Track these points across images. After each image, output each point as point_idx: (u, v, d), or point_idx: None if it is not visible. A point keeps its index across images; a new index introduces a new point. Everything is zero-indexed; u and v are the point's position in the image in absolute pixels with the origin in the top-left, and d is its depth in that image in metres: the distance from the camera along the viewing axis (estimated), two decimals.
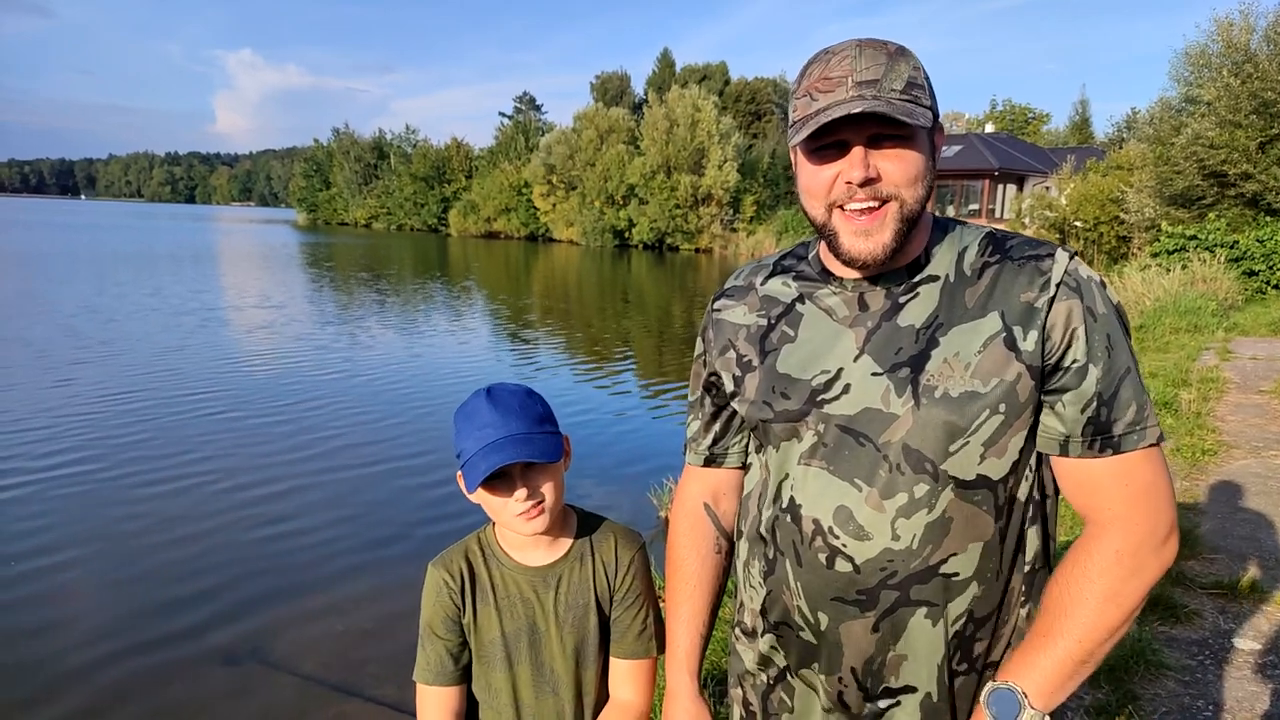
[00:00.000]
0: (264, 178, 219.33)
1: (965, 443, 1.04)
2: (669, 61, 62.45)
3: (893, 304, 1.10)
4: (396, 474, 6.59)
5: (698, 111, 45.40)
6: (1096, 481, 1.05)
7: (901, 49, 1.05)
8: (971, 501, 1.06)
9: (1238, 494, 4.48)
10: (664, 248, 46.99)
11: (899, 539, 1.06)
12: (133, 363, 10.39)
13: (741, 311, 1.25)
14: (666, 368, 12.04)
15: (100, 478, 6.22)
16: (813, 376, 1.13)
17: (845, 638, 1.12)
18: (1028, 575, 1.12)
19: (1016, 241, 1.10)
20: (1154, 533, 1.03)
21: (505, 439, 1.26)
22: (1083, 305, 1.03)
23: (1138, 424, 1.03)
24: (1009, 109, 57.83)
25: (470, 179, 63.85)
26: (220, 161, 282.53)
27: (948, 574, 1.07)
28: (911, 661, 1.11)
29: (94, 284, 19.42)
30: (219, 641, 4.10)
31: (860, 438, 1.08)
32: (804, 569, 1.13)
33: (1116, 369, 1.03)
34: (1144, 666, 2.77)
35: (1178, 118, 17.17)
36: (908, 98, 1.01)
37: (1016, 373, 1.03)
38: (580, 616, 1.38)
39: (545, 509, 1.31)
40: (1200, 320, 10.49)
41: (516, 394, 1.33)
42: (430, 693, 1.37)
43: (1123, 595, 1.01)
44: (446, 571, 1.37)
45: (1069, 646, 1.02)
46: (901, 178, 1.03)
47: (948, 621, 1.09)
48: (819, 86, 1.03)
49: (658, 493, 5.74)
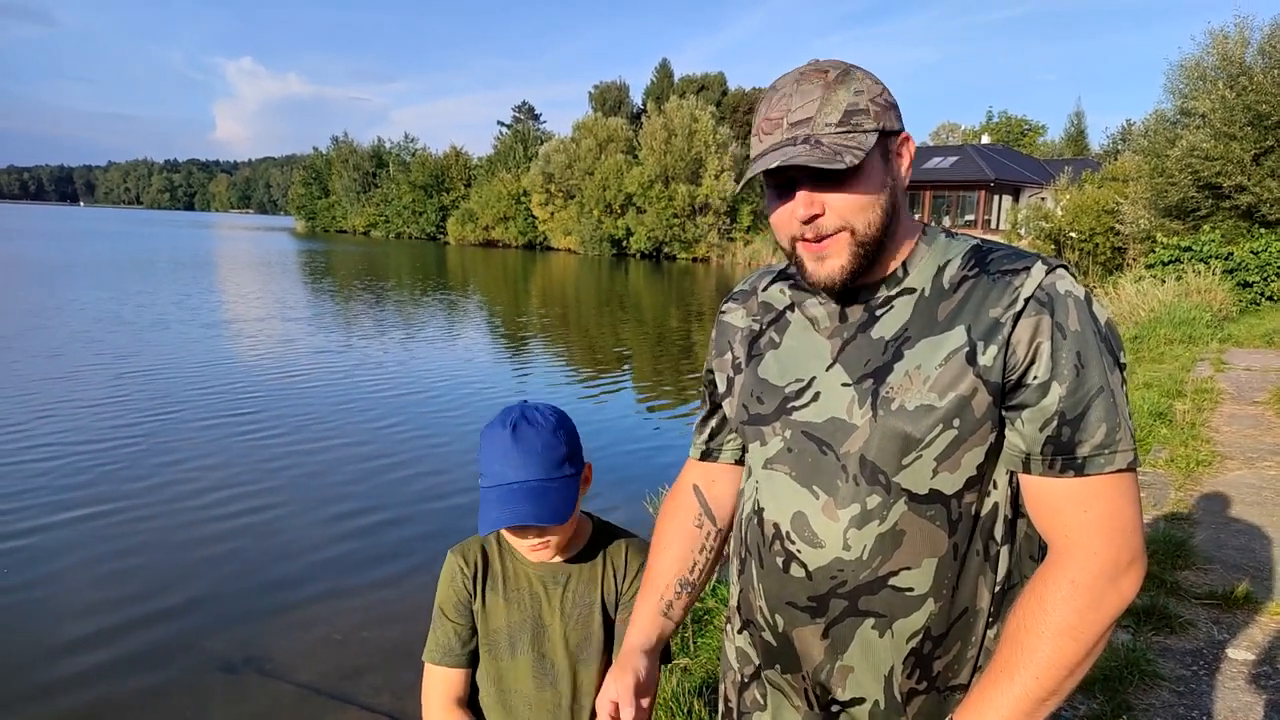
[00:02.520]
0: (263, 185, 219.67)
1: (918, 456, 1.04)
2: (667, 72, 62.71)
3: (869, 316, 1.11)
4: (396, 484, 6.59)
5: (695, 121, 45.62)
6: (1057, 503, 1.02)
7: (843, 73, 1.05)
8: (924, 516, 1.05)
9: (1232, 505, 4.50)
10: (661, 257, 47.09)
11: (849, 549, 1.07)
12: (127, 370, 10.38)
13: (741, 315, 1.28)
14: (663, 376, 12.06)
15: (95, 485, 6.20)
16: (787, 384, 1.15)
17: (799, 642, 1.13)
18: (998, 595, 1.09)
19: (999, 255, 1.08)
20: (1114, 563, 0.98)
21: (521, 488, 1.30)
22: (1051, 321, 1.00)
23: (1105, 447, 0.98)
24: (1005, 120, 58.15)
25: (469, 188, 64.02)
26: (219, 169, 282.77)
27: (899, 587, 1.06)
28: (859, 673, 1.10)
29: (96, 289, 19.41)
30: (215, 649, 4.09)
31: (823, 446, 1.10)
32: (765, 571, 1.15)
33: (1086, 388, 0.99)
34: (1138, 676, 2.78)
35: (1173, 130, 17.28)
36: (844, 128, 1.02)
37: (972, 387, 1.02)
38: (585, 615, 1.42)
39: (552, 546, 1.38)
40: (1195, 331, 10.53)
41: (542, 431, 1.34)
42: (436, 672, 1.44)
43: (1080, 629, 0.97)
44: (463, 558, 1.44)
45: (1027, 684, 0.97)
46: (846, 210, 1.04)
47: (898, 635, 1.07)
48: (763, 127, 1.06)
49: (654, 500, 5.74)
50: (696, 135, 45.42)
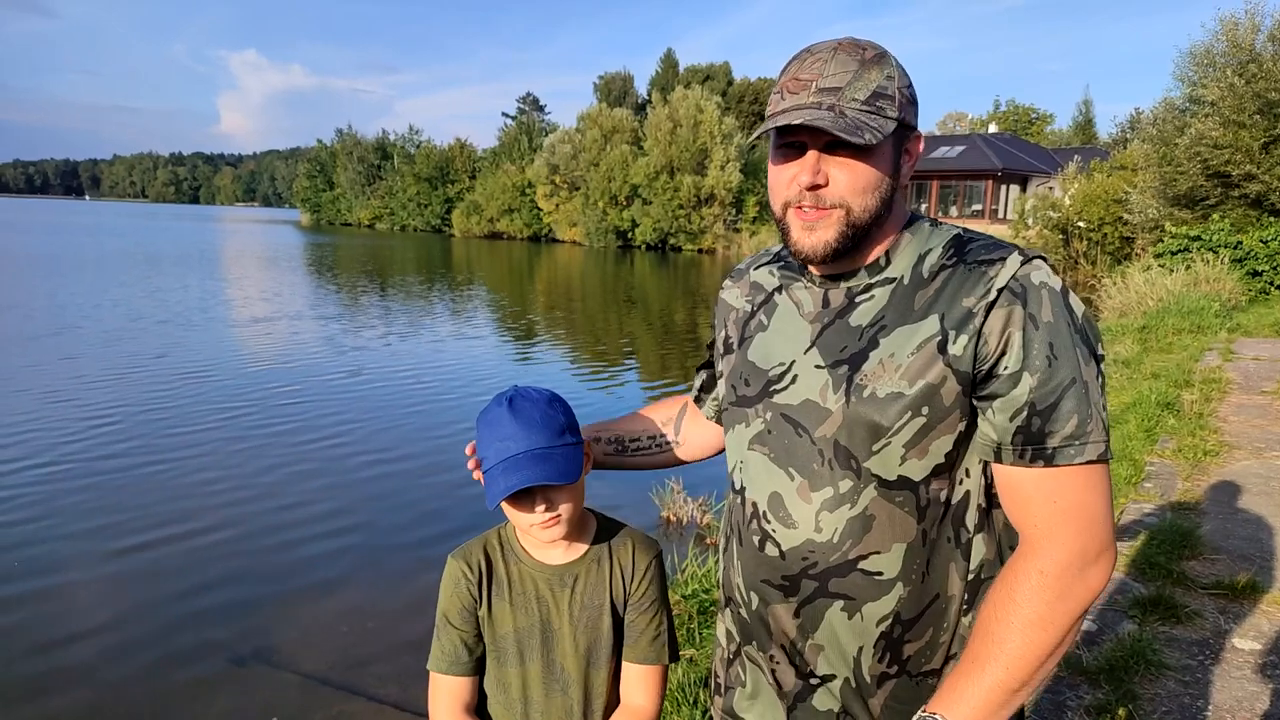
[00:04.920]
0: (268, 178, 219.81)
1: (887, 443, 1.05)
2: (672, 62, 62.50)
3: (849, 302, 1.12)
4: (402, 475, 6.61)
5: (701, 112, 45.42)
6: (1026, 494, 1.02)
7: (880, 55, 1.06)
8: (894, 501, 1.06)
9: (1239, 495, 4.48)
10: (667, 248, 47.01)
11: (821, 531, 1.09)
12: (133, 363, 10.43)
13: (736, 294, 1.33)
14: (669, 368, 12.06)
15: (103, 477, 6.24)
16: (771, 368, 1.18)
17: (772, 620, 1.16)
18: (972, 583, 1.10)
19: (977, 244, 1.08)
20: (1082, 554, 0.99)
21: (525, 455, 1.27)
22: (1024, 312, 1.00)
23: (1076, 438, 0.98)
24: (1012, 109, 57.82)
25: (474, 179, 63.97)
26: (224, 162, 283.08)
27: (869, 571, 1.08)
28: (829, 651, 1.12)
29: (96, 287, 19.47)
30: (222, 639, 4.12)
31: (799, 428, 1.12)
32: (743, 549, 1.19)
33: (1058, 379, 0.99)
34: (1144, 666, 2.78)
35: (1181, 118, 17.13)
36: (869, 109, 1.02)
37: (941, 375, 1.02)
38: (594, 618, 1.38)
39: (563, 521, 1.33)
40: (1203, 321, 10.48)
41: (538, 403, 1.32)
42: (443, 681, 1.39)
43: (1049, 620, 0.97)
44: (465, 564, 1.39)
45: (998, 675, 0.98)
46: (848, 188, 1.05)
47: (867, 618, 1.09)
48: (789, 86, 1.06)
49: (659, 493, 5.75)
50: (702, 126, 45.24)
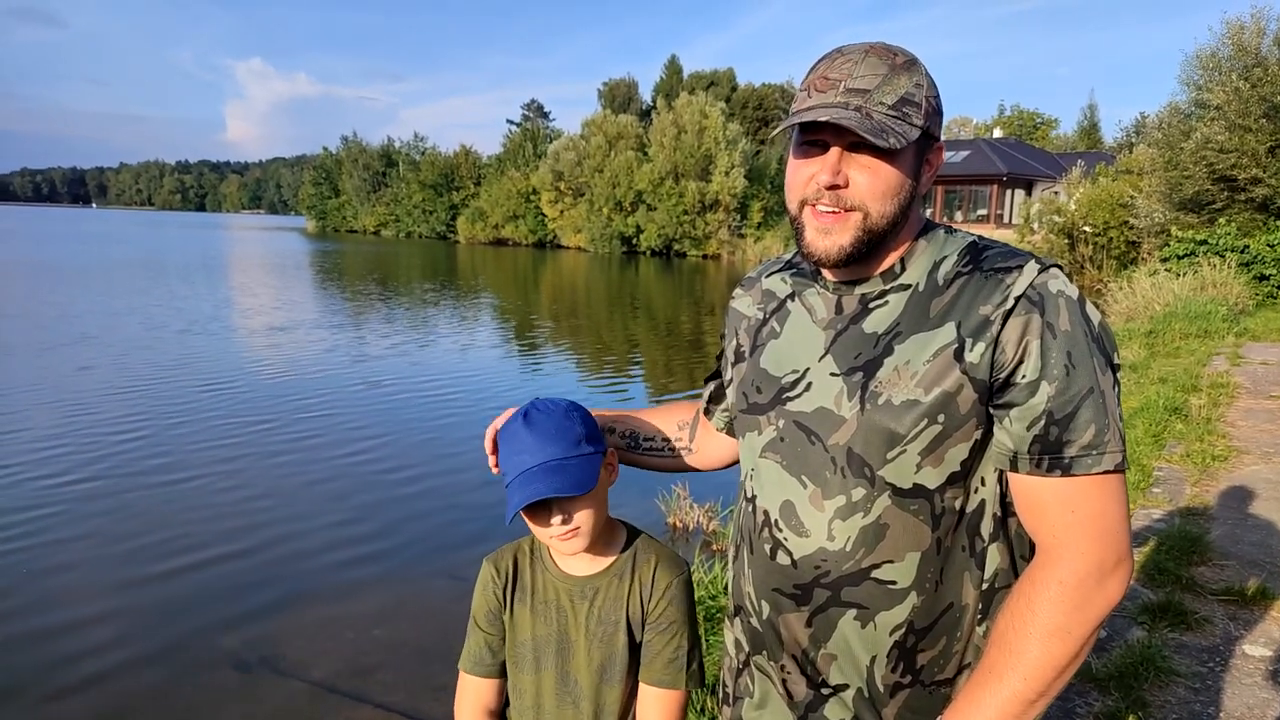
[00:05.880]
0: (274, 186, 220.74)
1: (903, 450, 1.04)
2: (676, 68, 62.63)
3: (863, 309, 1.11)
4: (410, 482, 6.61)
5: (705, 118, 45.52)
6: (1043, 503, 1.02)
7: (910, 62, 1.05)
8: (908, 510, 1.05)
9: (1248, 500, 4.46)
10: (671, 254, 47.05)
11: (834, 539, 1.08)
12: (141, 370, 10.47)
13: (747, 302, 1.31)
14: (675, 374, 12.06)
15: (111, 483, 6.25)
16: (784, 375, 1.17)
17: (784, 629, 1.15)
18: (986, 593, 1.09)
19: (993, 252, 1.08)
20: (1100, 564, 0.98)
21: (539, 468, 1.26)
22: (1042, 320, 0.99)
23: (1093, 448, 0.98)
24: (1017, 114, 57.81)
25: (478, 186, 64.17)
26: (230, 170, 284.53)
27: (882, 580, 1.07)
28: (842, 661, 1.11)
29: (105, 293, 19.56)
30: (229, 647, 4.12)
31: (812, 436, 1.11)
32: (754, 557, 1.18)
33: (1076, 388, 0.98)
34: (1153, 673, 2.76)
35: (1187, 122, 17.12)
36: (895, 114, 1.01)
37: (958, 383, 1.01)
38: (609, 634, 1.36)
39: (581, 533, 1.31)
40: (1210, 325, 10.44)
41: (554, 415, 1.32)
42: (469, 681, 1.42)
43: (1068, 630, 0.97)
44: (495, 567, 1.42)
45: (1015, 685, 0.97)
46: (869, 191, 1.04)
47: (880, 627, 1.08)
48: (817, 84, 1.05)
49: (665, 499, 5.75)
50: (706, 132, 45.31)
